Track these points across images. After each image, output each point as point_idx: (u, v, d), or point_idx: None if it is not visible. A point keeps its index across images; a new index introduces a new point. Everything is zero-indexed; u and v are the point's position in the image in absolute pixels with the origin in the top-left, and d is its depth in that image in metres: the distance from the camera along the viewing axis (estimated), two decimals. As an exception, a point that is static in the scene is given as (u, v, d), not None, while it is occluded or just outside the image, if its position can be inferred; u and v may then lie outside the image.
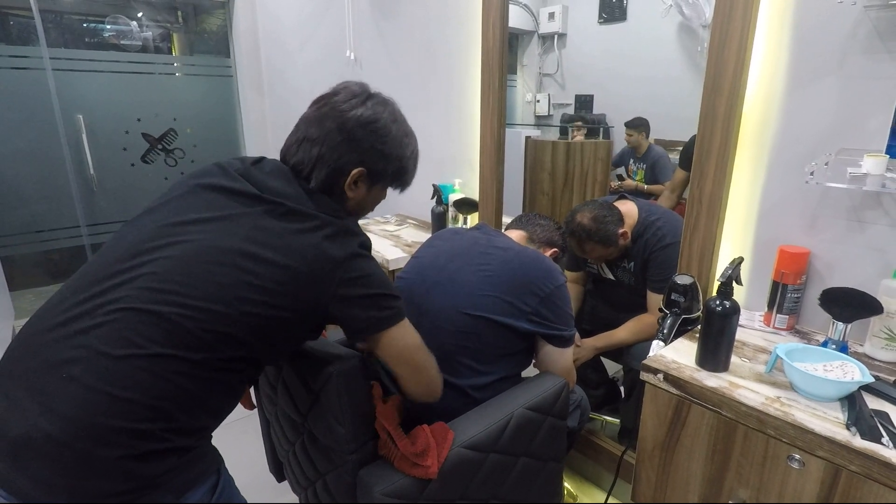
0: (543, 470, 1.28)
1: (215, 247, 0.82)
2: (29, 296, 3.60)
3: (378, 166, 0.99)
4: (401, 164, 1.02)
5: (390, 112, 1.01)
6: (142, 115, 3.53)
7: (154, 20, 3.73)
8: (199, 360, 0.78)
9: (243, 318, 0.81)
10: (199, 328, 0.78)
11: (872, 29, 1.10)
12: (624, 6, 1.76)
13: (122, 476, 0.73)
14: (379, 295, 0.92)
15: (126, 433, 0.73)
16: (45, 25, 3.07)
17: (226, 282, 0.80)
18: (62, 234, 3.41)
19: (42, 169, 3.24)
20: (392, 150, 0.99)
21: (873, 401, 0.98)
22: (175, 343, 0.77)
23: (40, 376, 0.74)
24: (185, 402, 0.78)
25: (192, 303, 0.78)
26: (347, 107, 0.96)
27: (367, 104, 0.97)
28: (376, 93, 1.02)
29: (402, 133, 1.02)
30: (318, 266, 0.85)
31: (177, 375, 0.77)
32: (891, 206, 1.13)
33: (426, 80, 2.38)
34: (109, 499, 0.72)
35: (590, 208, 1.60)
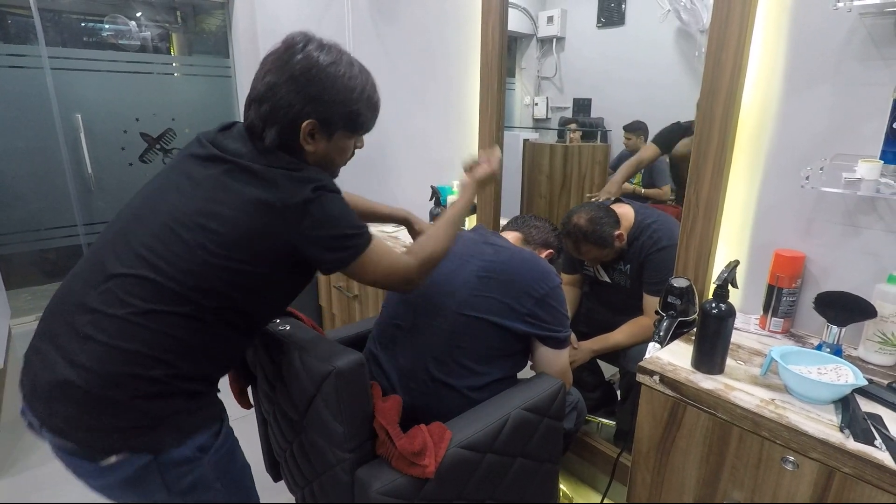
0: (539, 471, 1.28)
1: (182, 210, 0.90)
2: (25, 295, 3.58)
3: (326, 114, 0.96)
4: (349, 108, 0.98)
5: (329, 54, 0.95)
6: (140, 115, 3.52)
7: (153, 20, 3.73)
8: (187, 312, 0.88)
9: (213, 272, 0.88)
10: (178, 286, 0.87)
11: (867, 36, 1.11)
12: (622, 10, 1.77)
13: (133, 414, 0.86)
14: (340, 235, 0.96)
15: (135, 378, 0.85)
16: (44, 24, 3.07)
17: (191, 242, 0.88)
18: (59, 233, 3.40)
19: (39, 168, 3.23)
20: (336, 95, 0.95)
21: (867, 404, 0.99)
22: (163, 300, 0.87)
23: (63, 336, 0.87)
24: (183, 351, 0.89)
25: (165, 266, 0.87)
26: (286, 57, 0.94)
27: (304, 51, 0.94)
28: (316, 38, 0.97)
29: (345, 74, 0.96)
30: (268, 218, 0.89)
31: (171, 328, 0.87)
32: (885, 210, 1.15)
33: (425, 83, 2.39)
34: (122, 433, 0.86)
35: (586, 210, 1.61)
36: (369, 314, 2.09)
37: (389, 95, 2.61)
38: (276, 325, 1.16)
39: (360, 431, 1.04)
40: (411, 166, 2.54)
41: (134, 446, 0.87)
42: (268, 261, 0.92)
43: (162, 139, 3.65)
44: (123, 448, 0.87)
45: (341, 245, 0.96)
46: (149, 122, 3.57)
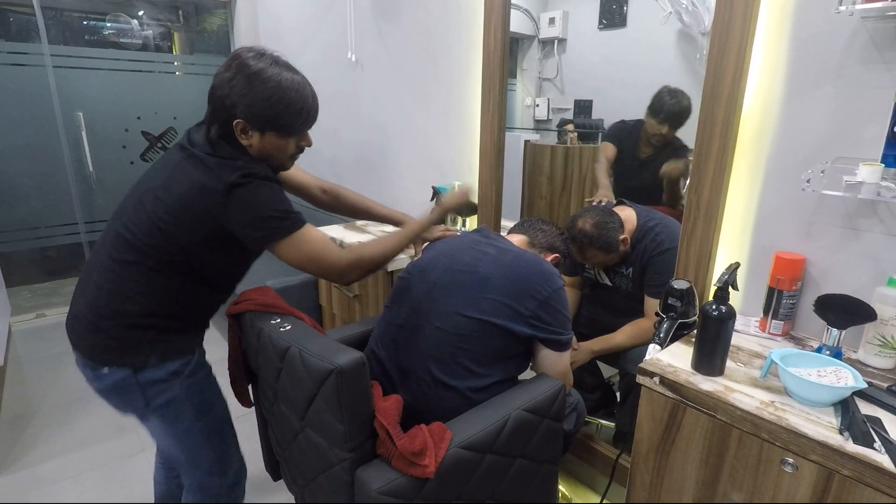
0: (539, 472, 1.28)
1: (149, 187, 1.14)
2: (25, 293, 3.59)
3: (251, 115, 1.11)
4: (271, 111, 1.11)
5: (262, 61, 1.11)
6: (142, 114, 3.53)
7: (155, 19, 3.74)
8: (149, 264, 1.12)
9: (163, 235, 1.10)
10: (140, 243, 1.11)
11: (869, 39, 1.12)
12: (624, 12, 1.77)
13: (117, 339, 1.14)
14: (264, 217, 1.11)
15: (116, 313, 1.13)
16: (47, 22, 3.08)
17: (150, 210, 1.11)
18: (60, 231, 3.40)
19: (41, 166, 3.24)
20: (258, 99, 1.09)
21: (866, 406, 0.99)
22: (134, 252, 1.11)
23: (84, 281, 1.19)
24: (149, 293, 1.14)
25: (134, 227, 1.11)
26: (228, 63, 1.12)
27: (241, 58, 1.11)
28: (264, 51, 1.13)
29: (269, 79, 1.10)
30: (204, 198, 1.09)
31: (137, 275, 1.12)
32: (885, 214, 1.15)
33: (427, 83, 2.39)
34: (112, 351, 1.15)
35: (591, 214, 1.60)
36: (370, 314, 2.09)
37: (391, 95, 2.63)
38: (277, 325, 1.17)
39: (361, 431, 1.04)
40: (412, 166, 2.54)
41: (119, 362, 1.15)
42: (203, 232, 1.11)
43: (163, 138, 3.65)
44: (113, 362, 1.15)
45: (264, 226, 1.12)
46: (150, 121, 3.58)
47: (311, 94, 1.17)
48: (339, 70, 2.96)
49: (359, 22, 2.73)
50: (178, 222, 1.09)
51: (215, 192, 1.08)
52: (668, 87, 1.66)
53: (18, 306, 3.34)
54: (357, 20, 2.74)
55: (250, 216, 1.11)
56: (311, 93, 1.17)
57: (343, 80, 2.96)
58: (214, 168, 1.10)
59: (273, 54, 1.15)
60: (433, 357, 1.22)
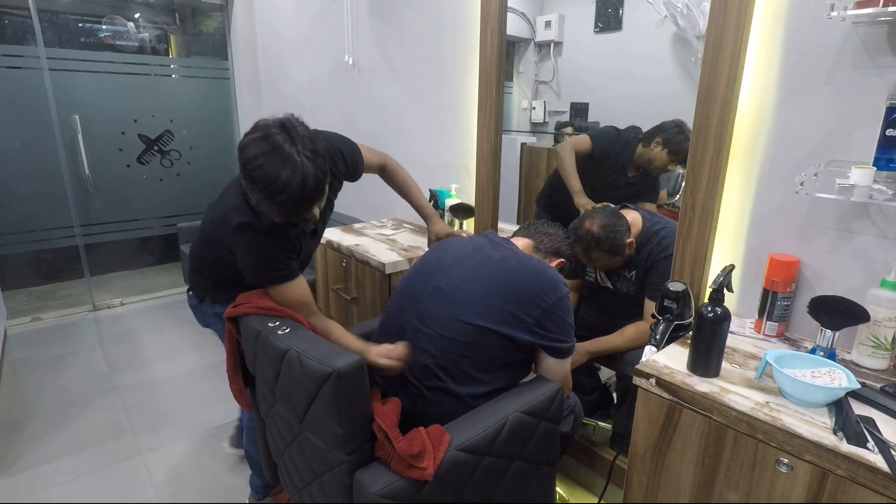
0: (536, 474, 1.29)
1: (220, 191, 1.49)
2: (21, 296, 3.58)
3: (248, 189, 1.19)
4: (262, 194, 1.15)
5: (242, 154, 1.16)
6: (138, 116, 3.53)
7: (151, 21, 3.73)
8: (212, 256, 1.49)
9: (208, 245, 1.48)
10: (205, 245, 1.50)
11: (860, 44, 1.13)
12: (619, 16, 1.78)
13: (198, 284, 1.58)
14: (255, 265, 1.32)
15: (200, 273, 1.56)
16: (42, 25, 3.07)
17: (209, 210, 1.49)
18: (56, 234, 3.39)
19: (37, 169, 3.23)
20: (250, 189, 1.18)
21: (860, 407, 1.00)
22: (201, 240, 1.52)
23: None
24: (212, 268, 1.52)
25: (203, 236, 1.51)
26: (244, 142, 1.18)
27: (247, 138, 1.17)
28: (270, 132, 1.15)
29: (255, 178, 1.14)
30: (222, 226, 1.35)
31: (208, 259, 1.51)
32: (878, 216, 1.16)
33: (424, 86, 2.40)
34: (194, 286, 1.60)
35: (599, 216, 1.58)
36: (367, 317, 2.09)
37: (388, 99, 2.64)
38: (276, 328, 1.17)
39: (360, 433, 1.04)
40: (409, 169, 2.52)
41: (196, 294, 1.60)
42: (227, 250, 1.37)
43: (160, 140, 3.65)
44: (195, 294, 1.60)
45: (253, 272, 1.34)
46: (147, 124, 3.58)
47: (296, 187, 1.13)
48: (336, 73, 2.97)
49: (356, 25, 2.74)
50: (214, 232, 1.41)
51: (228, 226, 1.32)
52: (681, 122, 1.62)
53: (14, 309, 3.33)
54: (354, 23, 2.74)
55: (244, 261, 1.33)
56: (296, 185, 1.13)
57: (340, 83, 2.97)
58: (237, 203, 1.32)
59: (288, 127, 1.15)
60: (434, 363, 1.22)
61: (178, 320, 3.33)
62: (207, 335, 3.10)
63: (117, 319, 3.34)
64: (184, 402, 2.41)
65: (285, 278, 1.32)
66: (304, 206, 1.19)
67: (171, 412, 2.33)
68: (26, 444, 2.10)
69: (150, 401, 2.42)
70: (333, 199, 1.57)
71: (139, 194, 3.65)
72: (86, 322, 3.30)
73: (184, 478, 1.93)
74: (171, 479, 1.92)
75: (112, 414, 2.31)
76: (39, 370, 2.68)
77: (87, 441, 2.12)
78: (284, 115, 1.19)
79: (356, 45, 2.77)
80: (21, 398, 2.42)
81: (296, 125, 1.17)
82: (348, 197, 2.95)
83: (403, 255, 2.00)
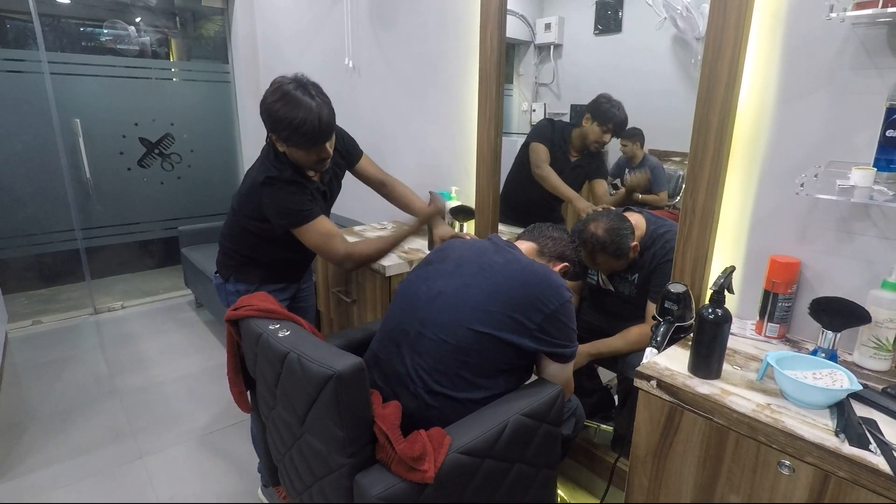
0: (537, 477, 1.28)
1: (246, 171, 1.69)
2: (22, 299, 3.58)
3: (276, 131, 1.46)
4: (288, 130, 1.42)
5: (275, 94, 1.42)
6: (139, 120, 3.53)
7: (152, 25, 3.74)
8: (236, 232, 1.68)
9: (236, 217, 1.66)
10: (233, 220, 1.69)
11: (860, 45, 1.13)
12: (619, 18, 1.78)
13: (224, 265, 1.74)
14: (281, 210, 1.52)
15: (225, 252, 1.73)
16: (44, 29, 3.08)
17: (238, 190, 1.65)
18: (57, 237, 3.40)
19: (38, 172, 3.24)
20: (277, 122, 1.42)
21: (861, 408, 1.00)
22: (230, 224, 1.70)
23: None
24: (239, 247, 1.69)
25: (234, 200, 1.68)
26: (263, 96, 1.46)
27: (266, 92, 1.45)
28: (278, 81, 1.44)
29: (279, 110, 1.40)
30: (253, 189, 1.54)
31: (234, 235, 1.69)
32: (878, 217, 1.16)
33: (424, 89, 2.40)
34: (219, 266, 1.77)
35: (604, 219, 1.57)
36: (368, 319, 2.09)
37: (388, 101, 2.64)
38: (276, 330, 1.17)
39: (360, 436, 1.04)
40: (410, 171, 2.55)
41: (222, 275, 1.75)
42: (254, 215, 1.58)
43: (160, 144, 3.65)
44: (221, 274, 1.76)
45: (283, 217, 1.53)
46: (148, 127, 3.58)
47: (315, 118, 1.41)
48: (337, 76, 2.97)
49: (356, 28, 2.74)
50: (242, 203, 1.60)
51: (256, 185, 1.52)
52: (606, 95, 1.81)
53: (15, 313, 3.33)
54: (354, 26, 2.75)
55: (273, 209, 1.53)
56: (315, 118, 1.41)
57: (340, 86, 2.97)
58: (260, 167, 1.55)
59: (301, 80, 1.44)
60: (435, 368, 1.21)
61: (178, 323, 3.33)
62: (208, 338, 3.10)
63: (118, 323, 3.34)
64: (184, 406, 2.41)
65: (309, 216, 1.53)
66: (323, 135, 1.45)
67: (172, 415, 2.33)
68: (27, 447, 2.10)
69: (150, 404, 2.42)
70: (339, 171, 1.78)
71: (140, 197, 3.66)
72: (86, 325, 3.30)
73: (184, 481, 1.92)
74: (172, 482, 1.92)
75: (113, 417, 2.31)
76: (40, 374, 2.68)
77: (87, 444, 2.12)
78: (294, 74, 1.46)
79: (356, 48, 2.78)
80: (22, 402, 2.42)
81: (305, 78, 1.46)
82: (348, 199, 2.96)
83: (404, 257, 2.00)
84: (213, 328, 3.24)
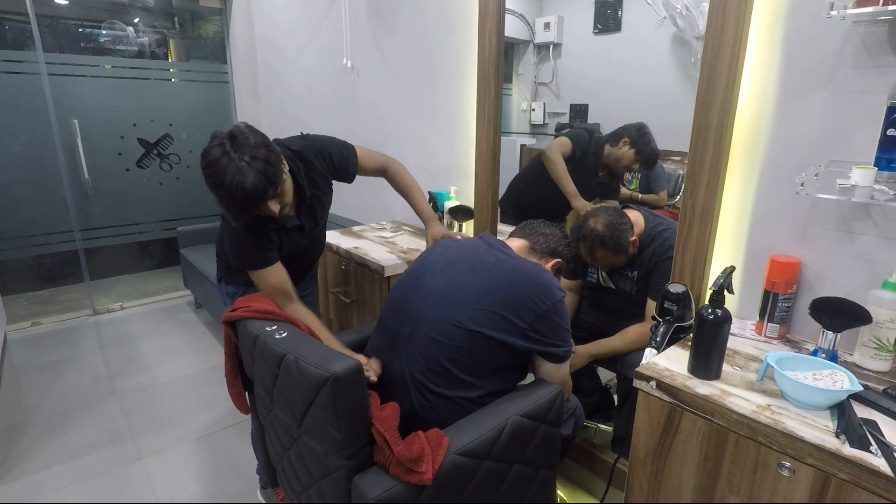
0: (537, 477, 1.28)
1: None
2: (21, 300, 3.58)
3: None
4: (218, 199, 1.28)
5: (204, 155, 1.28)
6: (137, 121, 3.53)
7: (150, 26, 3.74)
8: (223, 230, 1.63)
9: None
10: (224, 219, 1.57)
11: (861, 44, 1.13)
12: (619, 17, 1.78)
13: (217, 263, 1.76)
14: (234, 252, 1.48)
15: (216, 253, 1.75)
16: (42, 30, 3.07)
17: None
18: (55, 238, 3.39)
19: (36, 173, 3.23)
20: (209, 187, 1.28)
21: (862, 409, 1.00)
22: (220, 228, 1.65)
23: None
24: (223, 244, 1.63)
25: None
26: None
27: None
28: (213, 135, 1.29)
29: (206, 179, 1.27)
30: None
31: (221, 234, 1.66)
32: (879, 217, 1.15)
33: (422, 88, 2.40)
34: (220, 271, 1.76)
35: (603, 214, 1.57)
36: (367, 320, 2.08)
37: (387, 101, 2.64)
38: (273, 332, 1.17)
39: (358, 438, 1.04)
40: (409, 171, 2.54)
41: (217, 275, 1.75)
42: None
43: (159, 145, 3.65)
44: (217, 273, 1.75)
45: (235, 257, 1.49)
46: (146, 128, 3.58)
47: (236, 190, 1.23)
48: (335, 76, 2.97)
49: (354, 28, 2.74)
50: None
51: (222, 221, 1.57)
52: (643, 124, 1.75)
53: (14, 314, 3.33)
54: (352, 26, 2.74)
55: (228, 246, 1.51)
56: (236, 189, 1.23)
57: (338, 85, 2.97)
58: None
59: (236, 136, 1.26)
60: (428, 368, 1.21)
61: (177, 324, 3.32)
62: (207, 339, 3.09)
63: (117, 323, 3.34)
64: (183, 406, 2.40)
65: (260, 265, 1.46)
66: (247, 208, 1.27)
67: (171, 416, 2.32)
68: (26, 448, 2.09)
69: (149, 405, 2.41)
70: (323, 196, 1.62)
71: (138, 198, 3.65)
72: (85, 326, 3.29)
73: (183, 482, 1.92)
74: (171, 483, 1.91)
75: (112, 418, 2.30)
76: (39, 375, 2.68)
77: (86, 446, 2.11)
78: (234, 126, 1.29)
79: (354, 49, 2.77)
80: (21, 403, 2.42)
81: (245, 133, 1.27)
82: (347, 199, 2.95)
83: (402, 257, 1.99)
84: (212, 329, 3.24)
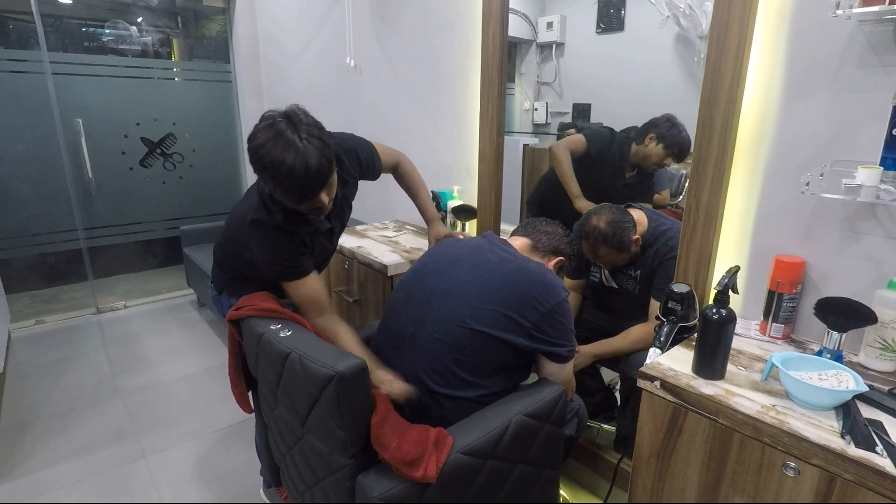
0: (540, 477, 1.28)
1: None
2: (25, 299, 3.59)
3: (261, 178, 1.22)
4: (273, 182, 1.19)
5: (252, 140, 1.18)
6: (141, 120, 3.53)
7: (154, 25, 3.75)
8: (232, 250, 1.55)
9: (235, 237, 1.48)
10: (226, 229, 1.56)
11: (866, 43, 1.12)
12: (622, 16, 1.77)
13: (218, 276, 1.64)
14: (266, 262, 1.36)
15: (216, 264, 1.65)
16: (46, 29, 3.08)
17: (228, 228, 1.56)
18: (59, 237, 3.40)
19: (40, 172, 3.24)
20: (262, 170, 1.18)
21: (867, 410, 0.99)
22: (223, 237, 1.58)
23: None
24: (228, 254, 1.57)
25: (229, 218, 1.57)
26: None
27: (255, 127, 1.20)
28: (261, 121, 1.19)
29: (261, 160, 1.17)
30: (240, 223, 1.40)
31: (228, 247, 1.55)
32: (885, 217, 1.15)
33: (425, 88, 2.40)
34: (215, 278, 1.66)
35: (606, 212, 1.57)
36: (370, 319, 2.09)
37: (390, 100, 2.64)
38: (277, 330, 1.17)
39: (362, 437, 1.04)
40: (413, 171, 2.54)
41: (217, 286, 1.63)
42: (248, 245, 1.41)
43: (162, 144, 3.65)
44: (215, 286, 1.63)
45: (269, 265, 1.35)
46: (150, 127, 3.58)
47: (300, 170, 1.15)
48: (338, 75, 2.97)
49: (357, 27, 2.74)
50: (235, 230, 1.45)
51: (245, 223, 1.35)
52: (671, 116, 1.66)
53: (18, 313, 3.33)
54: (355, 25, 2.74)
55: (259, 256, 1.36)
56: (301, 168, 1.15)
57: (341, 85, 2.97)
58: (254, 201, 1.35)
59: (292, 116, 1.18)
60: (431, 367, 1.21)
61: (181, 323, 3.33)
62: (210, 338, 3.10)
63: (120, 322, 3.34)
64: (187, 405, 2.40)
65: (296, 275, 1.35)
66: (311, 190, 1.20)
67: (174, 415, 2.33)
68: (30, 447, 2.10)
69: (153, 404, 2.42)
70: (350, 197, 1.58)
71: (142, 197, 3.66)
72: (89, 325, 3.30)
73: (186, 481, 1.92)
74: (174, 482, 1.92)
75: (115, 417, 2.31)
76: (43, 373, 2.68)
77: (90, 444, 2.12)
78: (289, 107, 1.22)
79: (358, 48, 2.77)
80: (24, 401, 2.42)
81: (299, 114, 1.20)
82: (351, 199, 2.96)
83: (406, 256, 1.99)
84: (216, 328, 3.24)
